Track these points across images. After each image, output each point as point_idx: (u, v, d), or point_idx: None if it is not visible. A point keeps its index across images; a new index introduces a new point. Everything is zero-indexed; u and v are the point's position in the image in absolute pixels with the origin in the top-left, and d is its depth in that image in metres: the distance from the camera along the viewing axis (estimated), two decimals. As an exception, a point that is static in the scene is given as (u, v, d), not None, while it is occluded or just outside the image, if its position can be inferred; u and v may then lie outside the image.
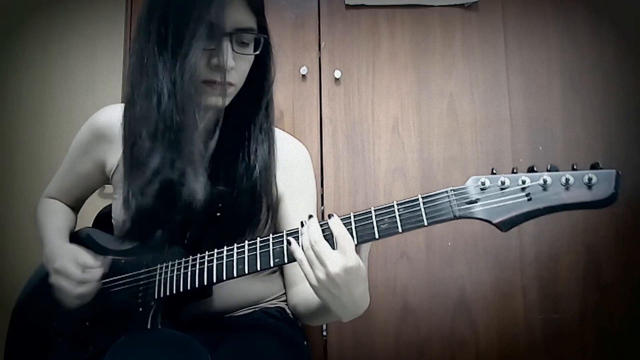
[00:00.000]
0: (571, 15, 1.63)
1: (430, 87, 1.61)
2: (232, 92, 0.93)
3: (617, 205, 0.67)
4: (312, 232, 0.77)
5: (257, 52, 0.93)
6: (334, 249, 0.75)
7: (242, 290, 1.02)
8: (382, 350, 1.47)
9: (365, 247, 0.79)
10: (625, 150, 1.56)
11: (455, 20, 1.63)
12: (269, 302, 1.08)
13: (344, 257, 0.74)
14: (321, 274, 0.75)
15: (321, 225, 0.78)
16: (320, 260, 0.75)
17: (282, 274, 1.14)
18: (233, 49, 0.88)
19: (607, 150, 1.56)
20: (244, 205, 0.95)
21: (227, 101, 0.93)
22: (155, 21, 0.87)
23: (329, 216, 0.78)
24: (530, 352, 1.47)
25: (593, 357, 1.47)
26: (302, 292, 0.98)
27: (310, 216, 0.80)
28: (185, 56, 0.84)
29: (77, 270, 0.90)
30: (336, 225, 0.76)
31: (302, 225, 0.80)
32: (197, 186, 0.87)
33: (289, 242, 0.80)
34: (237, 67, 0.90)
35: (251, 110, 0.98)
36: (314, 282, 0.76)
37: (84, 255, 0.93)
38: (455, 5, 1.64)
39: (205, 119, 0.95)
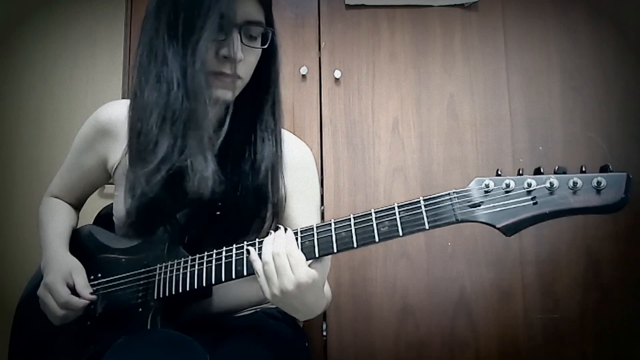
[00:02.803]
0: (571, 15, 1.63)
1: (430, 87, 1.61)
2: (239, 85, 0.92)
3: (617, 205, 0.66)
4: (277, 245, 0.76)
5: (265, 46, 0.92)
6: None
7: (242, 291, 1.01)
8: (382, 350, 1.47)
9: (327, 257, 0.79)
10: (626, 150, 1.56)
11: (455, 20, 1.63)
12: (270, 303, 1.07)
13: (295, 275, 0.74)
14: (276, 290, 0.75)
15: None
16: (278, 274, 0.75)
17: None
18: (242, 41, 0.88)
19: (607, 151, 1.56)
20: (247, 204, 0.94)
21: (235, 94, 0.92)
22: (165, 9, 0.87)
23: (285, 229, 0.78)
24: (530, 352, 1.47)
25: (593, 357, 1.47)
26: None
27: (278, 228, 0.79)
28: (195, 45, 0.83)
29: (64, 291, 0.90)
30: (289, 241, 0.76)
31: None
32: (207, 173, 0.86)
33: (247, 252, 0.79)
34: (245, 59, 0.90)
35: (257, 107, 0.97)
36: (269, 296, 0.77)
37: (77, 274, 0.93)
38: (455, 5, 1.63)
39: (213, 112, 0.93)
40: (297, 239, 0.79)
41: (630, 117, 1.58)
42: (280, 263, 0.75)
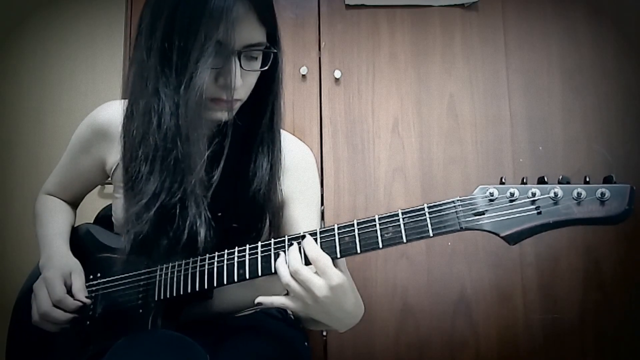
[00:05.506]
0: (571, 15, 1.63)
1: (430, 87, 1.60)
2: (237, 106, 0.88)
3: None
4: (292, 262, 0.75)
5: (266, 67, 0.87)
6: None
7: (242, 292, 1.01)
8: (382, 350, 1.47)
9: (342, 259, 0.78)
10: (625, 150, 1.56)
11: (455, 20, 1.63)
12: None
13: (325, 279, 0.74)
14: (309, 300, 0.75)
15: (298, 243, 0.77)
16: (304, 288, 0.74)
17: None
18: (241, 66, 0.83)
19: (607, 151, 1.56)
20: (244, 222, 0.92)
21: (233, 114, 0.88)
22: (158, 34, 0.81)
23: (302, 237, 0.77)
24: (530, 353, 1.47)
25: (593, 357, 1.48)
26: None
27: (291, 243, 0.78)
28: (191, 77, 0.78)
29: (60, 288, 0.89)
30: (310, 246, 0.75)
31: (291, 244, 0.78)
32: (199, 221, 0.83)
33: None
34: (244, 82, 0.85)
35: (253, 122, 0.93)
36: (301, 308, 0.76)
37: (77, 276, 0.92)
38: (455, 5, 1.63)
39: (208, 131, 0.90)
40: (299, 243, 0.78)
41: (630, 117, 1.58)
42: (303, 278, 0.74)
